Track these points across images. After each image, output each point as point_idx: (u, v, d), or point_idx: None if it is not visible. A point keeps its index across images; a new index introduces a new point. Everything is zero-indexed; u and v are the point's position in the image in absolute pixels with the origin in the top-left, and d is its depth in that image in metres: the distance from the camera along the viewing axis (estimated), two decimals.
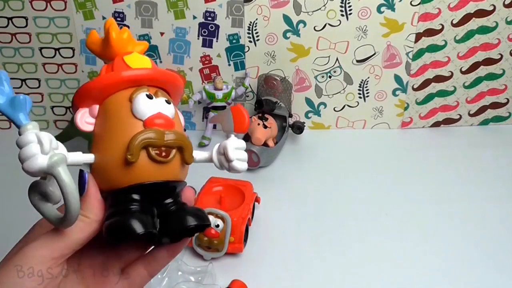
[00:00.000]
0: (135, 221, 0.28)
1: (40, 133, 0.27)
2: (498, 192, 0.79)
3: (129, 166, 0.29)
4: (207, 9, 0.89)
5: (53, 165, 0.26)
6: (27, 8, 0.89)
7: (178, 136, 0.30)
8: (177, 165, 0.31)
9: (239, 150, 0.34)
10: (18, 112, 0.29)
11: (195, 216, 0.30)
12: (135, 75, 0.32)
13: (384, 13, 0.88)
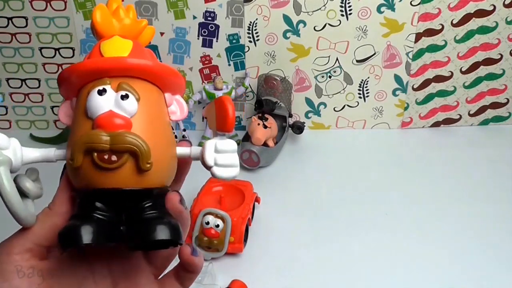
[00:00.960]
0: (85, 230, 0.25)
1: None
2: (498, 192, 0.79)
3: (78, 171, 0.27)
4: (207, 9, 0.89)
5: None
6: (27, 8, 0.89)
7: (125, 138, 0.26)
8: (129, 172, 0.26)
9: (222, 154, 0.29)
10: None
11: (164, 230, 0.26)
12: (89, 66, 0.28)
13: (384, 13, 0.88)
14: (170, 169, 0.29)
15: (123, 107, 0.27)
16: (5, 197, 0.26)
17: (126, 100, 0.27)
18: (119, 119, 0.26)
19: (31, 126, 1.01)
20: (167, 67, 0.30)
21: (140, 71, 0.28)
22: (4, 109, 0.99)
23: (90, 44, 0.92)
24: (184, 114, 0.32)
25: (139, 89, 0.28)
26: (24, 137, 0.97)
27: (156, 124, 0.28)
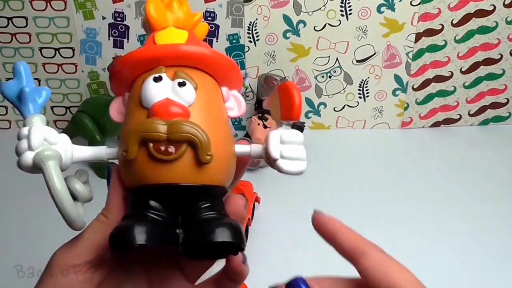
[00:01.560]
0: (139, 230, 0.23)
1: (33, 128, 0.25)
2: (498, 192, 0.79)
3: (131, 164, 0.24)
4: (207, 9, 0.89)
5: (39, 162, 0.24)
6: (27, 8, 0.89)
7: (183, 127, 0.23)
8: (187, 165, 0.24)
9: (289, 145, 0.26)
10: (26, 104, 0.26)
11: (226, 232, 0.23)
12: (144, 53, 0.26)
13: (384, 13, 0.88)
14: (229, 166, 0.26)
15: (180, 95, 0.25)
16: (55, 194, 0.24)
17: (183, 87, 0.25)
18: (176, 107, 0.24)
19: None
20: (226, 58, 0.28)
21: (197, 60, 0.26)
22: (4, 109, 0.99)
23: (90, 44, 0.92)
24: (242, 110, 0.29)
25: (196, 78, 0.26)
26: None
27: (214, 117, 0.26)
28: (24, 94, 0.26)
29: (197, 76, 0.26)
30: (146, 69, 0.26)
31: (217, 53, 0.27)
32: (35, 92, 0.27)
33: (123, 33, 0.91)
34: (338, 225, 0.28)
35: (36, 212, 0.75)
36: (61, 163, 0.25)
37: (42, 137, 0.26)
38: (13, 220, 0.74)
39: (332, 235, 0.28)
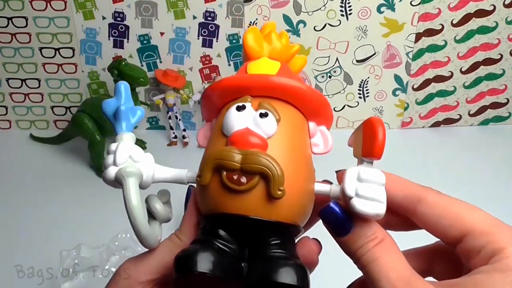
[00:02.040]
0: (203, 257, 0.23)
1: (120, 144, 0.26)
2: (498, 192, 0.79)
3: (205, 190, 0.24)
4: (207, 9, 0.89)
5: (120, 177, 0.25)
6: (27, 8, 0.89)
7: (257, 159, 0.23)
8: (258, 197, 0.23)
9: (366, 184, 0.24)
10: (120, 121, 0.28)
11: (290, 273, 0.22)
12: (233, 81, 0.26)
13: (384, 13, 0.88)
14: (304, 205, 0.25)
15: (261, 126, 0.25)
16: (130, 210, 0.24)
17: (264, 118, 0.25)
18: (254, 138, 0.24)
19: (31, 126, 1.01)
20: (316, 93, 0.27)
21: (285, 92, 0.26)
22: (4, 109, 0.99)
23: (90, 44, 0.92)
24: (328, 148, 0.29)
25: (281, 111, 0.25)
26: (24, 137, 0.97)
27: (294, 151, 0.25)
28: (119, 112, 0.28)
29: (283, 109, 0.26)
30: (234, 97, 0.26)
31: (308, 88, 0.27)
32: (130, 111, 0.28)
33: (123, 33, 0.91)
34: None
35: (36, 212, 0.75)
36: (141, 181, 0.26)
37: (127, 154, 0.26)
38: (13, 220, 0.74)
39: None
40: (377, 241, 0.23)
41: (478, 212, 0.22)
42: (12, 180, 0.84)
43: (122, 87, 0.28)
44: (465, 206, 0.23)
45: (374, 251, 0.23)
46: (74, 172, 0.86)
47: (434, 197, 0.23)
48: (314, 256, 0.26)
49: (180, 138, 0.95)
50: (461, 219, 0.22)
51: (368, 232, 0.23)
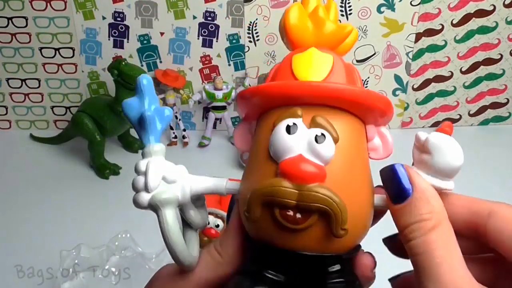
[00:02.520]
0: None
1: (151, 165, 0.23)
2: (498, 192, 0.79)
3: (253, 223, 0.22)
4: (207, 9, 0.89)
5: (154, 206, 0.22)
6: (27, 8, 0.89)
7: (316, 196, 0.20)
8: (317, 236, 0.21)
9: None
10: (147, 131, 0.24)
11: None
12: (276, 90, 0.22)
13: (384, 13, 0.88)
14: (367, 227, 0.23)
15: (317, 152, 0.20)
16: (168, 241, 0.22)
17: (322, 143, 0.20)
18: (311, 168, 0.20)
19: (31, 126, 1.01)
20: (376, 96, 0.22)
21: (342, 101, 0.22)
22: (4, 109, 0.99)
23: (90, 44, 0.92)
24: (389, 151, 0.25)
25: (338, 123, 0.21)
26: (24, 137, 0.97)
27: (356, 172, 0.22)
28: (144, 119, 0.24)
29: (339, 120, 0.22)
30: (279, 104, 0.22)
31: (365, 92, 0.22)
32: (157, 115, 0.24)
33: (123, 33, 0.91)
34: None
35: (36, 212, 0.75)
36: (178, 204, 0.23)
37: (159, 177, 0.23)
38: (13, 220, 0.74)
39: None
40: (433, 223, 0.20)
41: None
42: (12, 180, 0.84)
43: (144, 82, 0.25)
44: None
45: (428, 237, 0.19)
46: (74, 172, 0.86)
47: (508, 210, 0.20)
48: (368, 273, 0.23)
49: (180, 138, 0.95)
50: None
51: (424, 207, 0.20)
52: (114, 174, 0.84)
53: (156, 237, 0.63)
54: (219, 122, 0.97)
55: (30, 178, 0.84)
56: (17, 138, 0.97)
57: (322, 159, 0.20)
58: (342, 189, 0.21)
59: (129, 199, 0.23)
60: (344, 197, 0.20)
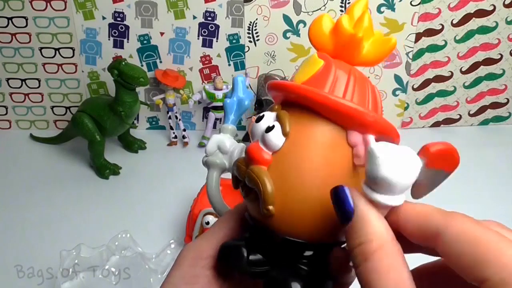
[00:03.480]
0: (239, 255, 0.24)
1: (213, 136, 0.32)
2: (498, 192, 0.79)
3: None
4: (207, 9, 0.89)
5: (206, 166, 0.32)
6: (27, 8, 0.89)
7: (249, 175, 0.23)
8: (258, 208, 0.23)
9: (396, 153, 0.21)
10: (226, 114, 0.33)
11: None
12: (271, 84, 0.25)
13: (384, 13, 0.88)
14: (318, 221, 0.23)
15: (264, 140, 0.23)
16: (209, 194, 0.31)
17: (268, 132, 0.23)
18: (258, 153, 0.23)
19: (31, 126, 1.01)
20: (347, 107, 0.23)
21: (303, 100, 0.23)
22: (4, 109, 0.99)
23: (90, 44, 0.92)
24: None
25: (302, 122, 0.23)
26: (24, 137, 0.97)
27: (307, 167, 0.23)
28: (224, 105, 0.33)
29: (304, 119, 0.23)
30: (279, 100, 0.26)
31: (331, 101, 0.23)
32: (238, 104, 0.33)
33: (123, 33, 0.91)
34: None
35: (36, 212, 0.75)
36: (224, 169, 0.31)
37: (216, 145, 0.31)
38: (13, 220, 0.74)
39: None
40: (374, 246, 0.19)
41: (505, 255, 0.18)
42: (12, 180, 0.84)
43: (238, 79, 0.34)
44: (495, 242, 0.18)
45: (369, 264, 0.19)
46: (74, 172, 0.86)
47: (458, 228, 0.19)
48: (340, 265, 0.23)
49: (180, 138, 0.95)
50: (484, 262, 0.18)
51: (363, 229, 0.19)
52: (114, 174, 0.84)
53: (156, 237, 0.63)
54: (219, 122, 0.97)
55: (30, 178, 0.84)
56: (17, 138, 0.97)
57: (268, 147, 0.23)
58: (284, 177, 0.23)
59: (129, 199, 0.24)
60: (285, 185, 0.23)
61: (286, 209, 0.23)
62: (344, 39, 0.25)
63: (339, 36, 0.25)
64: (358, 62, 0.26)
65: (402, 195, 0.21)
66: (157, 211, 0.74)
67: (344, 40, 0.25)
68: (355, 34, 0.24)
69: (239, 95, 0.34)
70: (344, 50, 0.25)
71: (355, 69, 0.25)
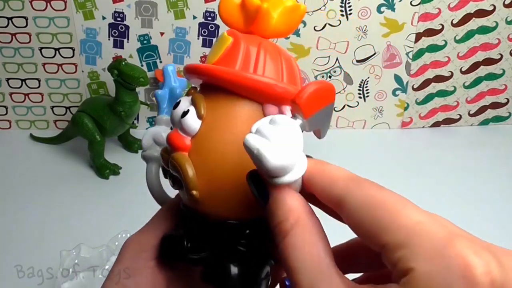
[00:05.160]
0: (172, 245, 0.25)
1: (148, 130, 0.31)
2: (498, 192, 0.79)
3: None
4: (207, 9, 0.89)
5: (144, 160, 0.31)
6: (27, 8, 0.89)
7: (171, 163, 0.23)
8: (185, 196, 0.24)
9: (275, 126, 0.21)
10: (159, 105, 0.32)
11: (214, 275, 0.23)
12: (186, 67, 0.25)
13: (384, 13, 0.88)
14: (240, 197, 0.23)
15: (181, 126, 0.23)
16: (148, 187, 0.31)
17: (183, 117, 0.23)
18: (176, 140, 0.23)
19: (31, 126, 1.01)
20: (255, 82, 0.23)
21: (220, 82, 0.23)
22: (4, 109, 0.99)
23: (90, 44, 0.92)
24: None
25: (216, 102, 0.23)
26: (24, 137, 0.97)
27: (223, 146, 0.23)
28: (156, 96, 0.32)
29: (219, 99, 0.23)
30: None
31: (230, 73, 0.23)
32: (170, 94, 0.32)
33: (123, 33, 0.91)
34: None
35: (36, 212, 0.75)
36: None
37: (151, 138, 0.30)
38: (13, 220, 0.74)
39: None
40: (291, 222, 0.19)
41: (401, 217, 0.17)
42: (12, 180, 0.84)
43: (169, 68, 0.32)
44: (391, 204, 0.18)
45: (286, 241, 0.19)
46: (74, 172, 0.86)
47: (359, 194, 0.19)
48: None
49: None
50: (381, 227, 0.18)
51: (282, 208, 0.20)
52: (114, 174, 0.84)
53: None
54: None
55: (30, 178, 0.84)
56: (17, 138, 0.97)
57: (186, 132, 0.23)
58: (204, 161, 0.23)
59: (129, 199, 0.25)
60: (206, 168, 0.22)
61: (211, 192, 0.23)
62: (252, 12, 0.25)
63: (247, 10, 0.25)
64: (269, 34, 0.25)
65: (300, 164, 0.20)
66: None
67: (252, 13, 0.25)
68: (261, 5, 0.24)
69: (171, 84, 0.32)
70: (254, 23, 0.25)
71: (267, 41, 0.25)
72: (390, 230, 0.17)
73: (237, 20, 0.25)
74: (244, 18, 0.25)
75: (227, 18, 0.25)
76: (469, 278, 0.15)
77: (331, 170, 0.21)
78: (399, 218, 0.17)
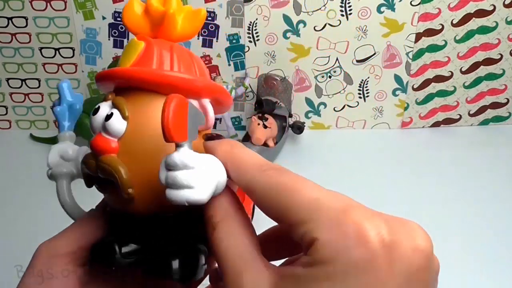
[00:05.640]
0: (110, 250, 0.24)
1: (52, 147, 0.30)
2: (498, 192, 0.79)
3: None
4: (207, 9, 0.89)
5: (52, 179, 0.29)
6: (27, 8, 0.89)
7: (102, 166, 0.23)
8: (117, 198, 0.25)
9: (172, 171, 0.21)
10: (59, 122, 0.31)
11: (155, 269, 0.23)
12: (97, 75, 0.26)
13: (384, 13, 0.88)
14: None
15: (106, 129, 0.23)
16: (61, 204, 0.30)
17: (108, 120, 0.23)
18: (100, 143, 0.23)
19: (31, 126, 1.01)
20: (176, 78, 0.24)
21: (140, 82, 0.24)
22: (4, 109, 0.99)
23: (90, 44, 0.92)
24: (210, 122, 0.26)
25: (137, 103, 0.24)
26: (24, 137, 0.97)
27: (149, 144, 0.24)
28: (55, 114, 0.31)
29: (139, 99, 0.24)
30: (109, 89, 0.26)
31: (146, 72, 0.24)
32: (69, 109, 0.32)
33: (123, 33, 0.91)
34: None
35: (36, 212, 0.75)
36: (74, 177, 0.29)
37: (57, 155, 0.29)
38: (13, 220, 0.74)
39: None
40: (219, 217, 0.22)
41: (301, 196, 0.19)
42: (12, 180, 0.84)
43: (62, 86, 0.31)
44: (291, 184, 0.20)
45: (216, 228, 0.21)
46: None
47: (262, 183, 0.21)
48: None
49: None
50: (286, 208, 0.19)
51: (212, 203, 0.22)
52: None
53: None
54: (219, 122, 0.97)
55: (30, 178, 0.84)
56: (17, 138, 0.97)
57: (112, 134, 0.23)
58: (134, 159, 0.23)
59: None
60: (137, 166, 0.23)
61: (144, 189, 0.23)
62: (157, 18, 0.26)
63: (152, 16, 0.26)
64: (176, 37, 0.26)
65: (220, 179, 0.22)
66: None
67: (158, 19, 0.26)
68: (167, 10, 0.25)
69: (68, 100, 0.32)
70: (161, 29, 0.26)
71: (176, 45, 0.26)
72: (293, 210, 0.19)
73: (143, 26, 0.27)
74: (150, 25, 0.26)
75: (132, 26, 0.27)
76: (362, 239, 0.18)
77: (241, 158, 0.22)
78: (300, 197, 0.19)
